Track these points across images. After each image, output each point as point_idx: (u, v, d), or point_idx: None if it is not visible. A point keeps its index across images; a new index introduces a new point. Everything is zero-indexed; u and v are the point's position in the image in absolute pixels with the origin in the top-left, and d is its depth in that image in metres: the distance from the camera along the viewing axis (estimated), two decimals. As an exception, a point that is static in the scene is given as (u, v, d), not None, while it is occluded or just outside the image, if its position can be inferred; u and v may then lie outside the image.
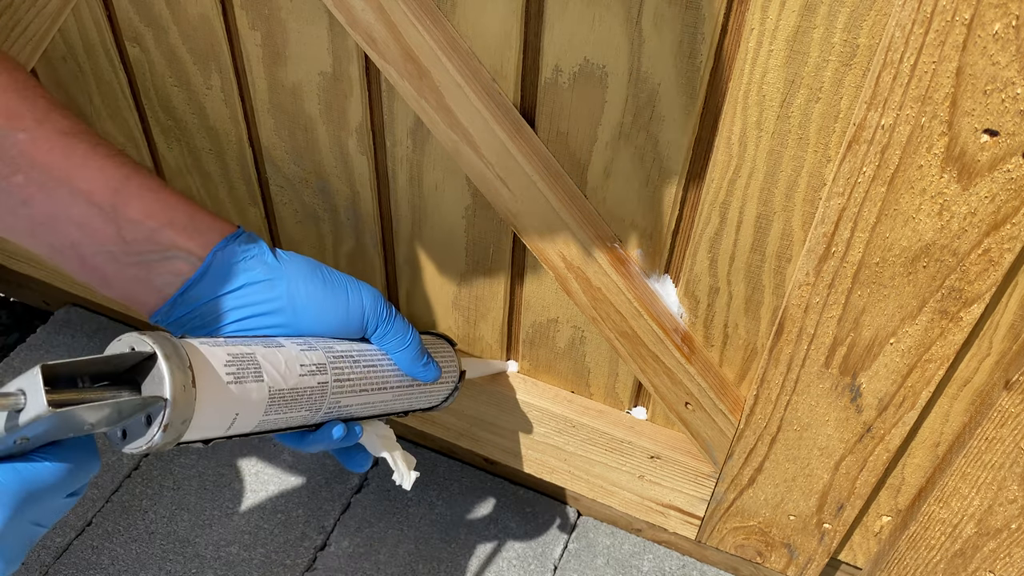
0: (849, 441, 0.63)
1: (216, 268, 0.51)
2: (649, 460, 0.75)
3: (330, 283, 0.55)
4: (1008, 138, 0.44)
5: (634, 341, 0.66)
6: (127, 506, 0.88)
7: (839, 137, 0.51)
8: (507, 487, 0.92)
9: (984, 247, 0.49)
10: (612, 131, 0.57)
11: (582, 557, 0.87)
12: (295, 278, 0.53)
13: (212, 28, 0.66)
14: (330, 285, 0.55)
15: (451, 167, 0.65)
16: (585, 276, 0.64)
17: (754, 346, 0.65)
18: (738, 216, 0.57)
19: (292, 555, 0.85)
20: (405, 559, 0.85)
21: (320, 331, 0.55)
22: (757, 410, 0.64)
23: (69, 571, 0.83)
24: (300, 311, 0.53)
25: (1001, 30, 0.41)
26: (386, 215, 0.73)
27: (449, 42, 0.57)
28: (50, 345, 1.03)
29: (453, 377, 0.66)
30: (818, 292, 0.55)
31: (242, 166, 0.76)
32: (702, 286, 0.63)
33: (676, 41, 0.51)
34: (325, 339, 0.54)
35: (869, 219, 0.50)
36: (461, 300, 0.75)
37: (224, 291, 0.52)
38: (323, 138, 0.69)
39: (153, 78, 0.73)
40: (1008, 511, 0.61)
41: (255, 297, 0.52)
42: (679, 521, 0.79)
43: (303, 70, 0.65)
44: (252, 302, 0.52)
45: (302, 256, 0.55)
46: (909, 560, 0.68)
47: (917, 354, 0.55)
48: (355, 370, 0.55)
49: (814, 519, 0.70)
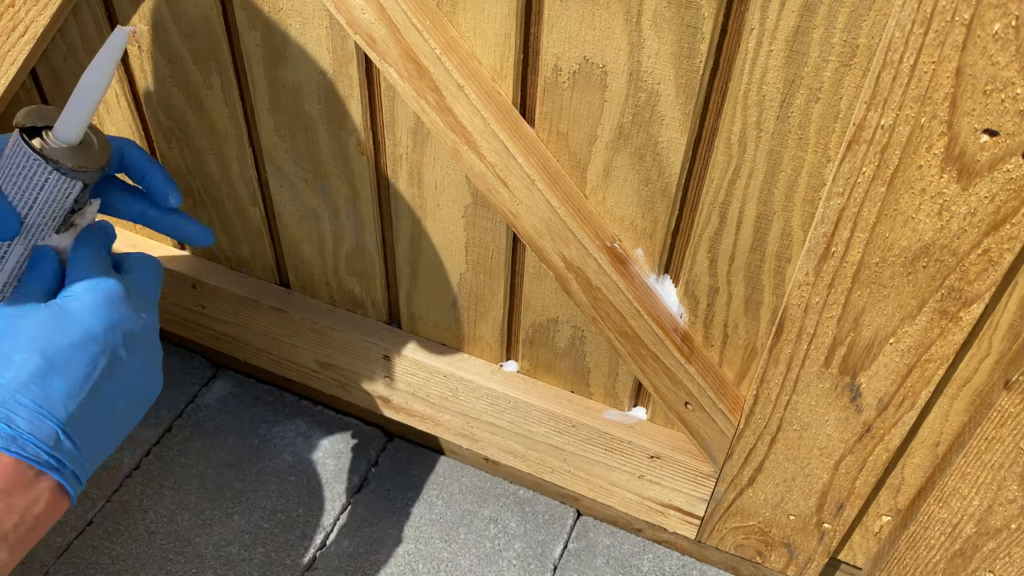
0: (849, 441, 0.63)
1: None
2: (649, 460, 0.75)
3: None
4: (1008, 138, 0.44)
5: (634, 341, 0.66)
6: (127, 506, 0.89)
7: (839, 137, 0.51)
8: (507, 487, 0.92)
9: (984, 247, 0.49)
10: (612, 131, 0.57)
11: (582, 557, 0.87)
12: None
13: (212, 28, 0.66)
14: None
15: (451, 167, 0.65)
16: (585, 276, 0.64)
17: (754, 346, 0.65)
18: (738, 216, 0.58)
19: (292, 555, 0.85)
20: (405, 559, 0.86)
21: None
22: (757, 410, 0.64)
23: (69, 571, 0.83)
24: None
25: (1001, 30, 0.41)
26: (386, 215, 0.73)
27: (449, 42, 0.57)
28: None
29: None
30: (818, 292, 0.55)
31: (242, 166, 0.76)
32: (702, 286, 0.63)
33: (676, 41, 0.51)
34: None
35: (869, 219, 0.50)
36: (461, 300, 0.75)
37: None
38: (323, 138, 0.69)
39: (153, 78, 0.73)
40: (1008, 511, 0.61)
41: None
42: (679, 521, 0.79)
43: (303, 70, 0.65)
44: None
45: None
46: (909, 560, 0.68)
47: (917, 354, 0.55)
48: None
49: (814, 519, 0.70)
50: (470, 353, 0.80)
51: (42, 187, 0.54)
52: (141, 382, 0.56)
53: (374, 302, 0.81)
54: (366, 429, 0.96)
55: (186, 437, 0.95)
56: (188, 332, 0.94)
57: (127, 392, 0.55)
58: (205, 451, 0.93)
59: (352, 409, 0.97)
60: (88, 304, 0.53)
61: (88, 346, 0.52)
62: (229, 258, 0.87)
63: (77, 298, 0.54)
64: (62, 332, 0.52)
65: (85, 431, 0.52)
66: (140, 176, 0.60)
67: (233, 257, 0.86)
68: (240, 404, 0.98)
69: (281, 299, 0.85)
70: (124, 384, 0.55)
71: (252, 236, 0.82)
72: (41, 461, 0.50)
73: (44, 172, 0.53)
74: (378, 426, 0.96)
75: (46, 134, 0.54)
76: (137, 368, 0.56)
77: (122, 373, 0.55)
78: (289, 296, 0.85)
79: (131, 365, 0.55)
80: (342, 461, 0.93)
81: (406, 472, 0.93)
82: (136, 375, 0.56)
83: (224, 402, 0.98)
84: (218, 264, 0.88)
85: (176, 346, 1.03)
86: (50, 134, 0.54)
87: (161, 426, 0.95)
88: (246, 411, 0.98)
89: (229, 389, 1.00)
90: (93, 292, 0.54)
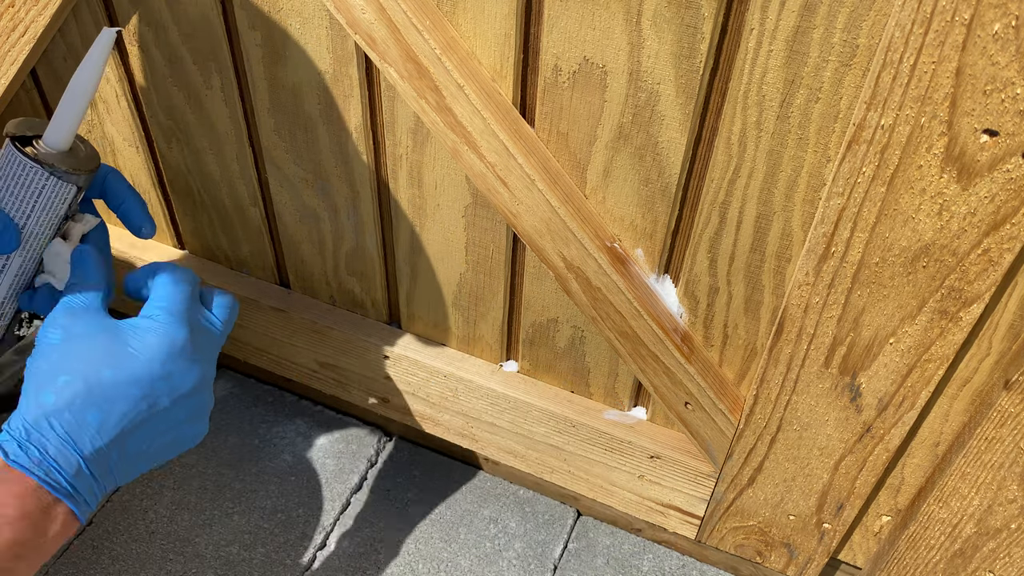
0: (849, 441, 0.63)
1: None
2: (649, 460, 0.75)
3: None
4: (1008, 138, 0.44)
5: (634, 341, 0.66)
6: (127, 506, 0.89)
7: (839, 137, 0.51)
8: (507, 487, 0.92)
9: (984, 247, 0.49)
10: (612, 131, 0.57)
11: (582, 557, 0.87)
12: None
13: (212, 28, 0.66)
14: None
15: (451, 167, 0.65)
16: (585, 276, 0.64)
17: (754, 346, 0.65)
18: (738, 216, 0.58)
19: (292, 555, 0.85)
20: (405, 559, 0.86)
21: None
22: (757, 410, 0.64)
23: (69, 571, 0.83)
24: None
25: (1001, 30, 0.41)
26: (386, 215, 0.73)
27: (449, 42, 0.57)
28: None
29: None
30: (818, 292, 0.55)
31: (242, 166, 0.76)
32: (702, 286, 0.63)
33: (676, 41, 0.51)
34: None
35: (869, 219, 0.50)
36: (461, 300, 0.75)
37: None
38: (323, 138, 0.69)
39: (153, 78, 0.73)
40: (1008, 511, 0.61)
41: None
42: (679, 521, 0.79)
43: (303, 70, 0.65)
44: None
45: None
46: (909, 560, 0.68)
47: (917, 354, 0.55)
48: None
49: (814, 519, 0.70)
50: (470, 353, 0.80)
51: (40, 193, 0.54)
52: (182, 431, 0.57)
53: (374, 302, 0.81)
54: (366, 429, 0.96)
55: (186, 437, 0.95)
56: (188, 332, 0.94)
57: (162, 435, 0.56)
58: (205, 451, 0.93)
59: (352, 409, 0.97)
60: (148, 347, 0.54)
61: (132, 388, 0.53)
62: (229, 258, 0.87)
63: (141, 336, 0.54)
64: (111, 366, 0.52)
65: (107, 465, 0.53)
66: (118, 203, 0.61)
67: (233, 257, 0.86)
68: (240, 404, 0.98)
69: (281, 299, 0.85)
70: (161, 430, 0.55)
71: (252, 236, 0.82)
72: (60, 488, 0.51)
73: (41, 178, 0.53)
74: (378, 426, 0.96)
75: (36, 142, 0.55)
76: (180, 418, 0.56)
77: (161, 420, 0.55)
78: (289, 296, 0.85)
79: (174, 414, 0.55)
80: (342, 461, 0.93)
81: (406, 472, 0.93)
82: (177, 425, 0.56)
83: (224, 402, 0.98)
84: (218, 264, 0.88)
85: (176, 346, 1.03)
86: (40, 142, 0.55)
87: (161, 426, 0.95)
88: (246, 411, 0.98)
89: (229, 389, 1.00)
90: (158, 336, 0.54)
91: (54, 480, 0.51)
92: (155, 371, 0.53)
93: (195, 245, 0.88)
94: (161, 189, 0.84)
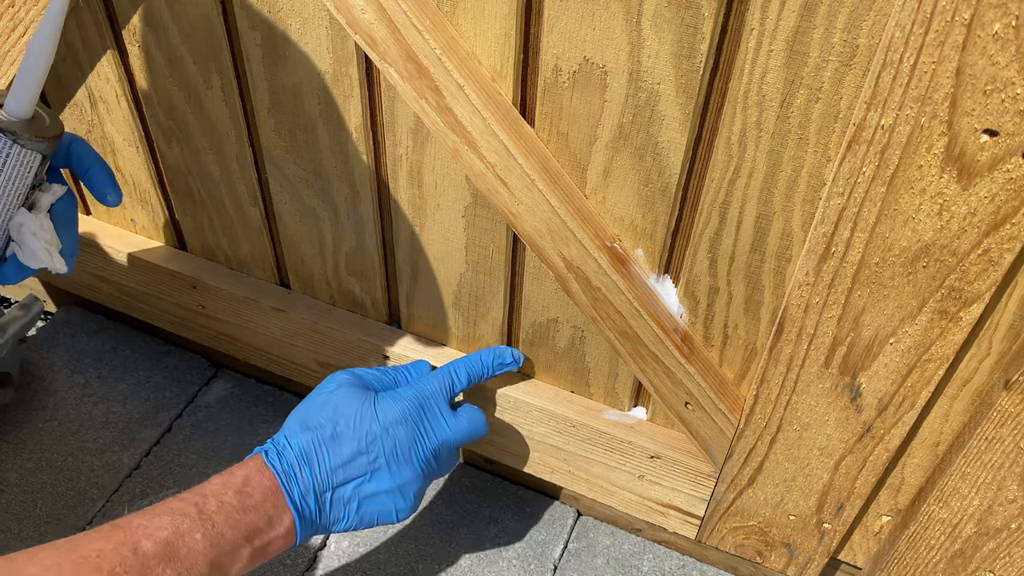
0: (849, 441, 0.63)
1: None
2: (649, 460, 0.75)
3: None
4: (1008, 138, 0.44)
5: (634, 341, 0.66)
6: (127, 506, 0.89)
7: (839, 137, 0.51)
8: (507, 487, 0.92)
9: (984, 247, 0.49)
10: (612, 131, 0.57)
11: (582, 557, 0.87)
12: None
13: (212, 28, 0.66)
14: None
15: (451, 167, 0.65)
16: (585, 276, 0.64)
17: (754, 346, 0.65)
18: (738, 216, 0.58)
19: (292, 555, 0.85)
20: (405, 559, 0.86)
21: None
22: (757, 410, 0.64)
23: (69, 571, 0.83)
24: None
25: (1001, 30, 0.41)
26: (386, 215, 0.73)
27: (449, 42, 0.57)
28: (51, 345, 1.03)
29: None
30: (818, 292, 0.55)
31: (242, 166, 0.76)
32: (702, 286, 0.63)
33: (676, 41, 0.51)
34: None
35: (869, 219, 0.50)
36: (461, 300, 0.75)
37: None
38: (323, 138, 0.69)
39: (153, 78, 0.73)
40: (1008, 511, 0.61)
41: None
42: (679, 521, 0.79)
43: (303, 70, 0.65)
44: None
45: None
46: (909, 560, 0.68)
47: (917, 354, 0.55)
48: None
49: (814, 519, 0.70)
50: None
51: (4, 162, 0.54)
52: (392, 509, 0.69)
53: (374, 302, 0.81)
54: (366, 429, 0.96)
55: (186, 437, 0.95)
56: (188, 332, 0.94)
57: (375, 506, 0.68)
58: (205, 451, 0.93)
59: (352, 409, 0.97)
60: (407, 463, 0.68)
61: (358, 462, 0.66)
62: (229, 258, 0.87)
63: (407, 459, 0.68)
64: (375, 482, 0.67)
65: (324, 500, 0.65)
66: (84, 170, 0.61)
67: (233, 257, 0.86)
68: (240, 404, 0.98)
69: (281, 299, 0.85)
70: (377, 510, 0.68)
71: (252, 236, 0.82)
72: (292, 499, 0.63)
73: (5, 146, 0.53)
74: (378, 426, 0.96)
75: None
76: (395, 508, 0.68)
77: (378, 503, 0.68)
78: (289, 296, 0.85)
79: (393, 502, 0.68)
80: (342, 461, 0.93)
81: (406, 472, 0.93)
82: (393, 513, 0.69)
83: (224, 402, 0.98)
84: (218, 264, 0.88)
85: (176, 346, 1.03)
86: (1, 111, 0.54)
87: (161, 426, 0.95)
88: (246, 411, 0.98)
89: (229, 389, 1.00)
90: (409, 469, 0.68)
91: (289, 490, 0.63)
92: (401, 482, 0.68)
93: (195, 245, 0.88)
94: (161, 189, 0.84)
